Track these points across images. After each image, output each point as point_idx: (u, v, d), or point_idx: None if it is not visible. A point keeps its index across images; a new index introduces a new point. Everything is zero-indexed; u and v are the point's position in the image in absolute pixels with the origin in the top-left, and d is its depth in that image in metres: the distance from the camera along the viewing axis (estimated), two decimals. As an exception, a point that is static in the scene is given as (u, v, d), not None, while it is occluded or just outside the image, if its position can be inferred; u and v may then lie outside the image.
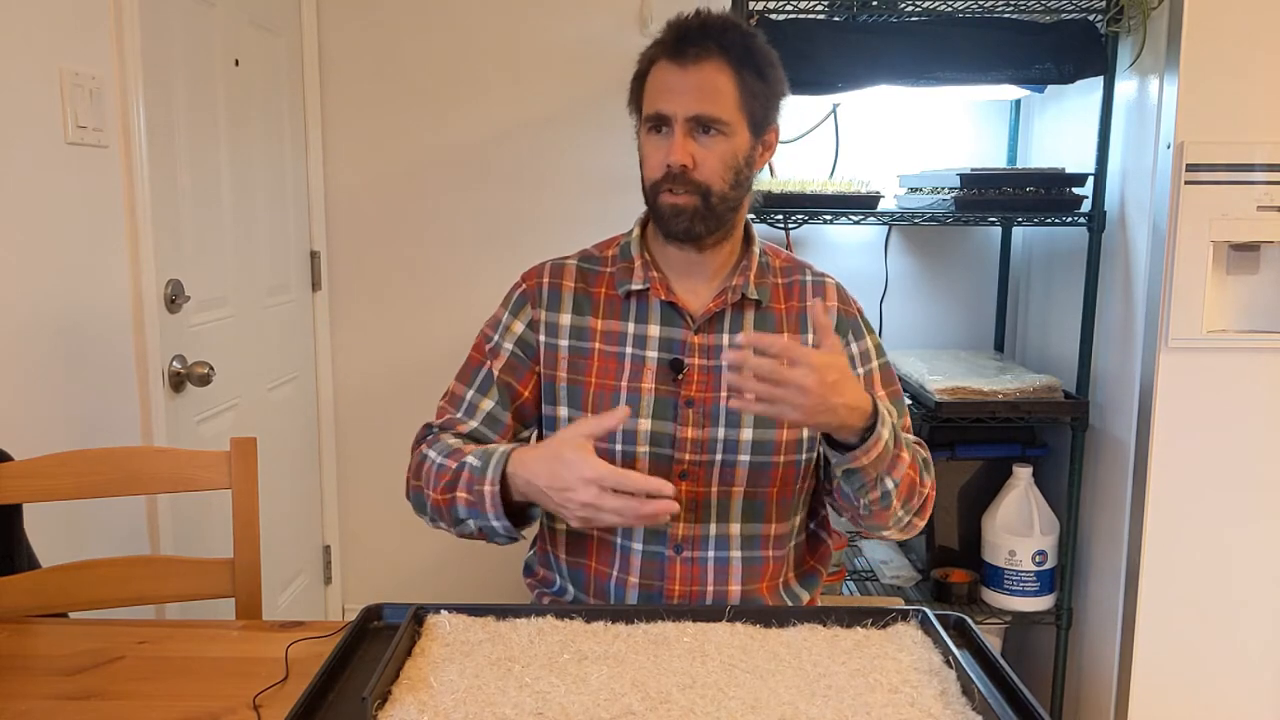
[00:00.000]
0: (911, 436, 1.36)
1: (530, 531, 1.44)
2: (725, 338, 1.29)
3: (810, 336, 1.32)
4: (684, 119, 1.21)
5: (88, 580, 1.35)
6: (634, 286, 1.30)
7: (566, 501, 1.12)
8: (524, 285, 1.35)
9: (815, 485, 1.37)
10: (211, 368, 1.88)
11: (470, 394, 1.33)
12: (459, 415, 1.33)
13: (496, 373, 1.33)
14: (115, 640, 1.15)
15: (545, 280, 1.34)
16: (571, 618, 1.09)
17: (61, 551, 1.42)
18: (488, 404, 1.32)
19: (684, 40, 1.21)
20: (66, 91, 1.54)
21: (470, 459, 1.22)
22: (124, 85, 1.67)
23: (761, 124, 1.26)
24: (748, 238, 1.34)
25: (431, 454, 1.27)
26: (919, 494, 1.26)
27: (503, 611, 1.09)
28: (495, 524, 1.20)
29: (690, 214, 1.23)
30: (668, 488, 1.10)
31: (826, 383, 1.09)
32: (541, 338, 1.32)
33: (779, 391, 1.09)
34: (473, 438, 1.32)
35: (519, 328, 1.33)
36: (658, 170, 1.24)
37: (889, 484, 1.21)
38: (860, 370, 1.35)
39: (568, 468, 1.11)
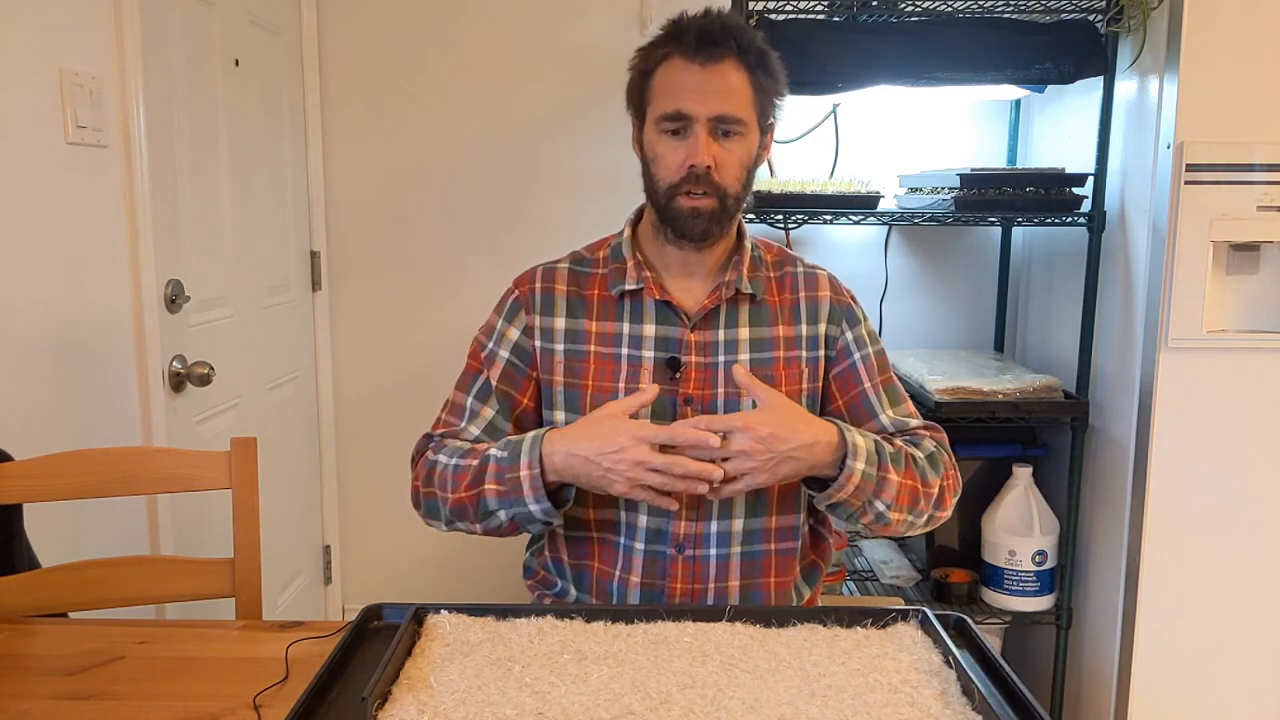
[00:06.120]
0: (916, 421, 1.35)
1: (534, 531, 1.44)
2: (721, 333, 1.30)
3: (804, 327, 1.32)
4: (706, 119, 1.20)
5: (88, 580, 1.35)
6: (627, 287, 1.30)
7: (618, 463, 1.13)
8: (517, 291, 1.35)
9: None
10: (211, 368, 1.88)
11: (470, 401, 1.33)
12: (460, 424, 1.32)
13: (495, 381, 1.32)
14: (115, 640, 1.15)
15: (538, 285, 1.33)
16: (571, 618, 1.09)
17: (61, 551, 1.42)
18: (488, 412, 1.32)
19: (706, 40, 1.19)
20: (66, 91, 1.54)
21: (494, 451, 1.22)
22: (124, 85, 1.67)
23: (767, 123, 1.27)
24: (739, 233, 1.35)
25: (441, 458, 1.26)
26: (926, 496, 1.26)
27: (503, 611, 1.09)
28: (534, 508, 1.19)
29: (708, 216, 1.24)
30: (710, 471, 1.13)
31: (762, 437, 1.14)
32: (537, 343, 1.32)
33: (729, 465, 1.15)
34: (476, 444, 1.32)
35: (514, 334, 1.33)
36: (676, 172, 1.22)
37: (880, 506, 1.23)
38: (856, 356, 1.34)
39: (617, 430, 1.14)
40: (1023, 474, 2.11)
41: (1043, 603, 2.11)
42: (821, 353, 1.33)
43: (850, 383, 1.34)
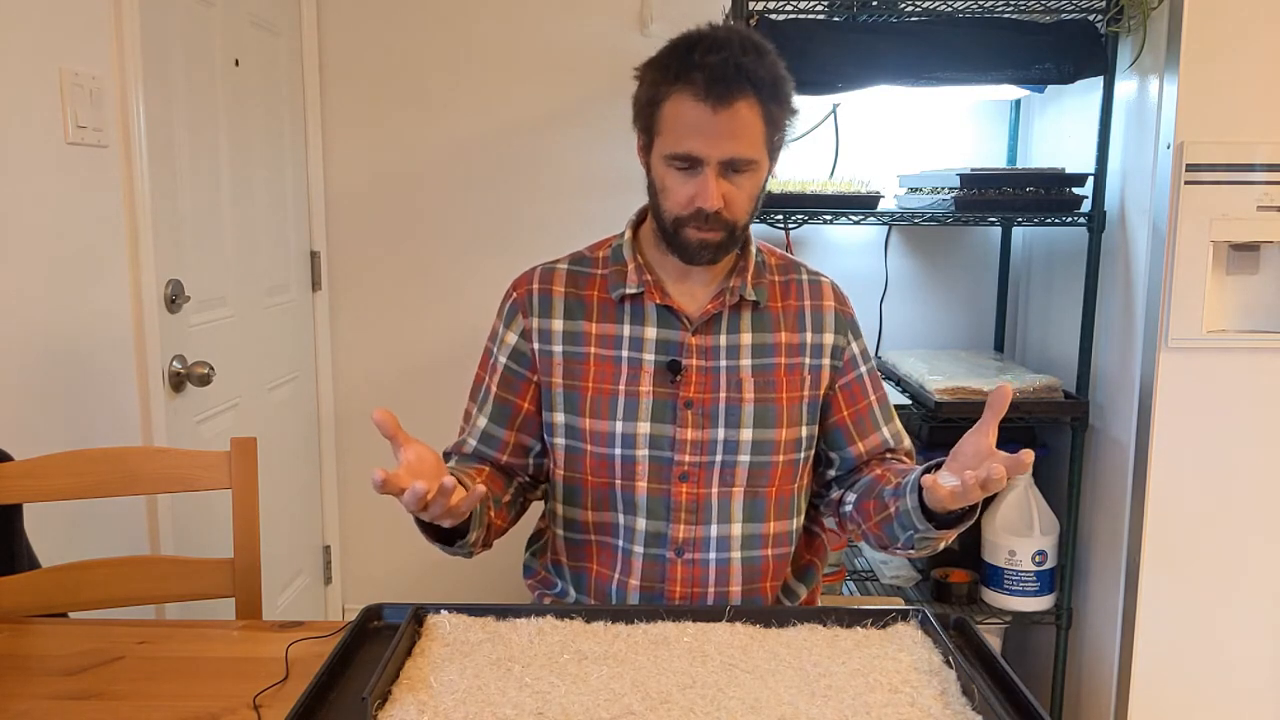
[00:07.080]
0: (908, 442, 1.38)
1: (524, 531, 1.44)
2: (723, 338, 1.29)
3: (809, 335, 1.32)
4: (718, 162, 1.18)
5: (88, 580, 1.35)
6: (628, 290, 1.29)
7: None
8: (515, 294, 1.34)
9: (809, 483, 1.37)
10: (211, 368, 1.88)
11: (476, 411, 1.35)
12: (466, 436, 1.35)
13: (494, 389, 1.33)
14: (115, 640, 1.15)
15: (535, 286, 1.33)
16: (571, 618, 1.09)
17: (61, 551, 1.42)
18: (482, 421, 1.34)
19: (719, 81, 1.15)
20: (66, 91, 1.54)
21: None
22: (124, 85, 1.67)
23: (779, 148, 1.26)
24: (744, 239, 1.34)
25: None
26: None
27: (503, 611, 1.09)
28: (436, 546, 1.21)
29: (715, 246, 1.23)
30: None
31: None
32: (535, 345, 1.31)
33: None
34: (476, 455, 1.34)
35: (512, 339, 1.33)
36: (685, 207, 1.21)
37: (948, 539, 1.22)
38: (863, 369, 1.36)
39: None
40: (1022, 474, 2.11)
41: (1043, 603, 2.11)
42: (826, 361, 1.33)
43: (858, 395, 1.35)
